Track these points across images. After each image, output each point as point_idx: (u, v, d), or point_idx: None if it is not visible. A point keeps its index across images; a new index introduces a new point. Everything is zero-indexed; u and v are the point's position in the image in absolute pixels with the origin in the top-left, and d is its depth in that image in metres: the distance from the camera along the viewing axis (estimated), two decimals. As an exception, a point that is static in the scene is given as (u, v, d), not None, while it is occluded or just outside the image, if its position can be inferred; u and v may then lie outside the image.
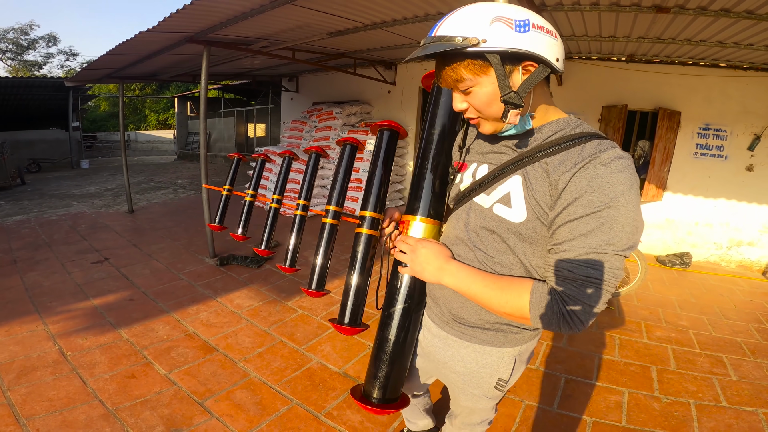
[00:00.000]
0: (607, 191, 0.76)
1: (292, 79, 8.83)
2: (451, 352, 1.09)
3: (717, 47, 3.87)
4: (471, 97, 0.86)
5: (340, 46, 5.35)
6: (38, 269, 4.02)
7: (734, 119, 4.82)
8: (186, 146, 17.11)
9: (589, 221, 0.77)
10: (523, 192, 0.87)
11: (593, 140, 0.83)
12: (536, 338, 1.09)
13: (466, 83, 0.84)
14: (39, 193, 8.38)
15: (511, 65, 0.82)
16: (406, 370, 1.14)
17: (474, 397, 1.13)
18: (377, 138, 1.24)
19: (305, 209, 1.63)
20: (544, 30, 0.81)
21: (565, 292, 0.80)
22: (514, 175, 0.90)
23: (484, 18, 0.78)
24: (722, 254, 5.15)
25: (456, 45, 0.78)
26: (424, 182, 1.09)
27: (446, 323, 1.08)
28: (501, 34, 0.78)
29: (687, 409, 2.26)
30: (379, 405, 1.09)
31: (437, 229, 1.09)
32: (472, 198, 0.99)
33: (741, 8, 2.86)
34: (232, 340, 2.81)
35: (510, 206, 0.89)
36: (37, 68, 23.65)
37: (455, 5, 0.85)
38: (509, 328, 1.01)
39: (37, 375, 2.35)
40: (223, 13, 3.39)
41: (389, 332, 1.09)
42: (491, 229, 0.93)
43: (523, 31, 0.78)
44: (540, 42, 0.80)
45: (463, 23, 0.79)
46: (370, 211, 1.15)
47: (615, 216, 0.76)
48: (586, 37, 4.21)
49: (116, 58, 4.77)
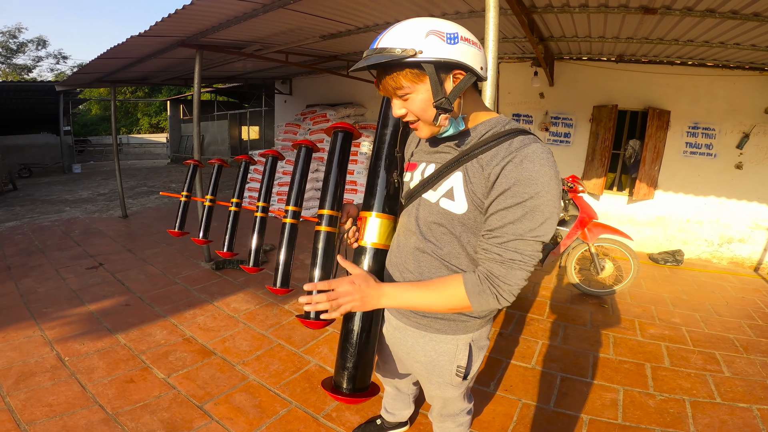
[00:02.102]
0: (532, 183, 0.86)
1: (286, 81, 8.83)
2: (410, 342, 1.16)
3: (704, 47, 3.93)
4: (408, 103, 0.94)
5: (333, 49, 5.37)
6: (32, 275, 4.00)
7: (722, 118, 4.90)
8: (179, 149, 17.03)
9: (516, 210, 0.88)
10: (463, 186, 0.98)
11: (519, 136, 0.93)
12: (487, 325, 1.19)
13: (404, 90, 0.92)
14: (31, 199, 8.31)
15: (444, 74, 0.91)
16: (372, 360, 1.18)
17: (440, 386, 1.20)
18: (332, 139, 1.28)
19: (265, 211, 1.66)
20: (470, 42, 0.91)
21: (494, 273, 0.91)
22: (456, 172, 1.00)
23: (419, 31, 0.87)
24: (713, 251, 5.22)
25: (396, 56, 0.86)
26: (378, 180, 1.16)
27: (403, 315, 1.16)
28: (434, 45, 0.86)
29: (682, 406, 2.30)
30: (349, 394, 1.12)
31: (391, 224, 1.17)
32: (421, 195, 1.08)
33: (726, 8, 2.92)
34: (230, 344, 2.82)
35: (453, 199, 0.99)
36: (26, 72, 23.36)
37: (444, 7, 0.89)
38: (460, 317, 1.09)
39: (36, 380, 2.34)
40: (216, 17, 3.39)
41: (353, 324, 1.13)
42: (439, 222, 1.03)
43: (453, 43, 0.88)
44: (467, 53, 0.89)
45: (401, 36, 0.88)
46: (327, 209, 1.21)
47: (537, 205, 0.87)
48: (576, 37, 4.26)
49: (108, 62, 4.75)
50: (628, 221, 5.55)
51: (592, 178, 5.53)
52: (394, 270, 1.14)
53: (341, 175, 1.25)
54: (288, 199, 1.39)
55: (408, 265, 1.10)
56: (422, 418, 2.12)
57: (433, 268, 1.06)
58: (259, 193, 1.66)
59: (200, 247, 4.64)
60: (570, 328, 3.19)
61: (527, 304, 3.63)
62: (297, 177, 1.39)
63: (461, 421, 1.43)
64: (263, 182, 1.66)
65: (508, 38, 4.53)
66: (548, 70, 5.21)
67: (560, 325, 3.24)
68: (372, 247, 1.15)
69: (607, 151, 5.40)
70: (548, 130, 5.81)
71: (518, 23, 3.46)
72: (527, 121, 5.96)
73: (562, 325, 3.24)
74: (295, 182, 1.39)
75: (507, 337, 3.01)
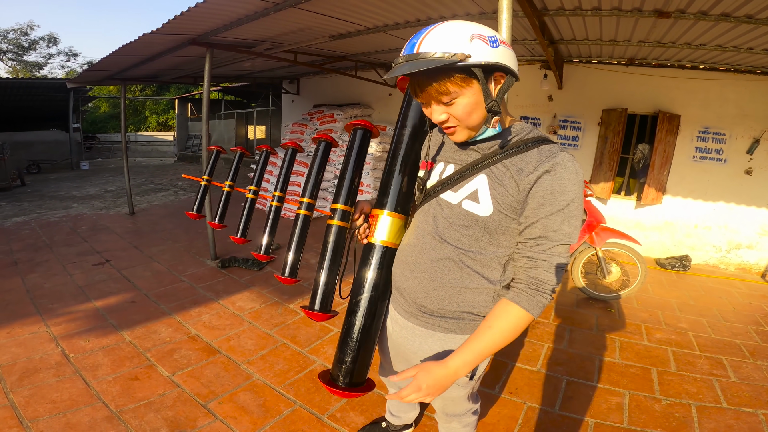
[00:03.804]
0: (567, 191, 0.92)
1: (293, 81, 8.85)
2: (418, 341, 1.16)
3: (716, 51, 3.90)
4: (453, 108, 0.93)
5: (342, 49, 5.38)
6: (39, 271, 4.02)
7: (733, 123, 4.85)
8: (186, 148, 17.11)
9: (557, 218, 0.93)
10: (489, 189, 0.99)
11: (545, 144, 0.97)
12: None
13: (451, 96, 0.91)
14: (39, 195, 8.38)
15: (489, 76, 0.91)
16: (371, 355, 1.19)
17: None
18: (351, 136, 1.30)
19: (281, 200, 1.69)
20: (507, 45, 0.92)
21: (542, 279, 0.95)
22: (479, 174, 1.01)
23: (463, 35, 0.86)
24: (721, 257, 5.17)
25: (446, 61, 0.84)
26: (393, 179, 1.17)
27: (412, 314, 1.15)
28: (481, 49, 0.86)
29: (688, 411, 2.28)
30: (345, 388, 1.13)
31: (402, 224, 1.18)
32: (439, 195, 1.08)
33: (741, 13, 2.89)
34: (235, 343, 2.82)
35: (478, 202, 1.00)
36: (37, 69, 23.53)
37: (455, 8, 0.89)
38: (469, 315, 1.08)
39: (40, 377, 2.35)
40: (227, 15, 3.40)
41: (356, 319, 1.14)
42: (460, 223, 1.03)
43: (495, 46, 0.89)
44: (507, 55, 0.91)
45: (444, 40, 0.86)
46: (341, 204, 1.23)
47: (572, 211, 0.93)
48: (586, 40, 4.24)
49: (119, 60, 4.78)
50: (636, 226, 5.51)
51: (600, 182, 5.49)
52: (405, 269, 1.13)
53: (357, 172, 1.27)
54: (303, 190, 1.42)
55: (421, 265, 1.09)
56: (427, 419, 2.11)
57: (446, 269, 1.06)
58: (277, 183, 1.67)
59: (206, 245, 4.66)
60: (576, 332, 3.17)
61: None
62: (315, 170, 1.41)
63: (467, 422, 1.42)
64: (281, 172, 1.69)
65: (518, 40, 4.52)
66: (557, 73, 5.19)
67: (566, 328, 3.22)
68: (381, 244, 1.16)
69: (615, 155, 5.37)
70: (556, 133, 5.77)
71: (529, 25, 3.45)
72: (535, 123, 5.93)
73: (568, 328, 3.22)
74: (312, 175, 1.41)
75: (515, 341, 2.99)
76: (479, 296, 1.05)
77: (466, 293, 1.05)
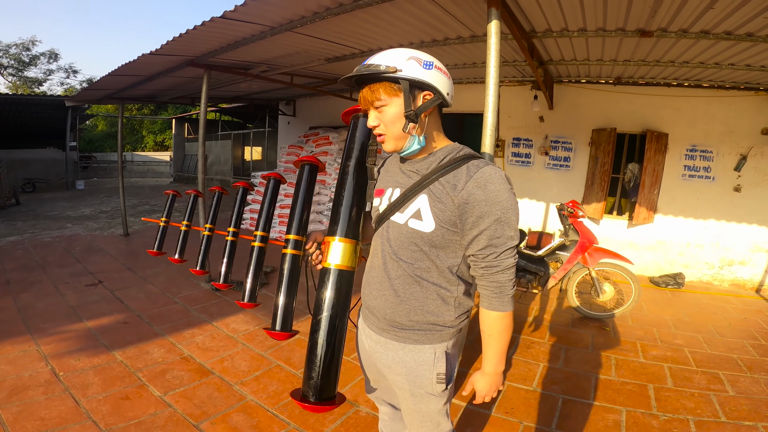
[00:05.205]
0: (499, 201, 1.03)
1: (290, 102, 8.97)
2: (391, 355, 1.22)
3: (699, 68, 4.02)
4: (382, 115, 1.10)
5: (338, 72, 5.48)
6: (31, 291, 3.99)
7: (719, 140, 4.95)
8: (182, 168, 17.13)
9: (496, 227, 1.04)
10: (429, 206, 1.09)
11: (472, 160, 1.09)
12: (460, 333, 1.27)
13: (381, 102, 1.08)
14: (33, 214, 8.35)
15: (416, 92, 1.07)
16: (337, 371, 1.23)
17: (422, 398, 1.22)
18: (299, 171, 1.40)
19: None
20: (442, 71, 1.09)
21: (501, 281, 1.08)
22: (421, 194, 1.12)
23: (402, 56, 1.06)
24: (714, 274, 5.20)
25: (379, 71, 1.04)
26: (341, 208, 1.25)
27: (383, 329, 1.23)
28: (412, 67, 1.05)
29: (686, 426, 2.26)
30: (315, 403, 1.17)
31: (353, 248, 1.24)
32: (390, 217, 1.19)
33: (720, 29, 2.99)
34: (228, 364, 2.79)
35: (421, 219, 1.10)
36: (37, 85, 23.49)
37: (447, 32, 0.94)
38: (435, 327, 1.18)
39: (29, 394, 2.31)
40: (225, 38, 3.48)
41: (318, 337, 1.19)
42: (409, 241, 1.13)
43: (428, 69, 1.06)
44: (438, 78, 1.08)
45: (386, 58, 1.07)
46: (293, 234, 1.32)
47: (509, 218, 1.04)
48: (574, 60, 4.36)
49: (118, 79, 4.85)
50: (629, 245, 5.55)
51: (592, 202, 5.55)
52: (372, 289, 1.23)
53: (307, 203, 1.36)
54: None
55: (384, 283, 1.19)
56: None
57: (406, 284, 1.15)
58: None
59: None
60: (571, 351, 3.16)
61: (528, 327, 3.60)
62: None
63: None
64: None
65: (508, 62, 4.63)
66: (548, 94, 5.30)
67: (561, 347, 3.21)
68: (335, 268, 1.21)
69: (606, 175, 5.45)
70: (548, 154, 5.85)
71: (518, 47, 3.54)
72: (527, 144, 6.02)
73: (563, 347, 3.21)
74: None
75: (508, 360, 2.98)
76: (441, 306, 1.15)
77: (429, 304, 1.15)
